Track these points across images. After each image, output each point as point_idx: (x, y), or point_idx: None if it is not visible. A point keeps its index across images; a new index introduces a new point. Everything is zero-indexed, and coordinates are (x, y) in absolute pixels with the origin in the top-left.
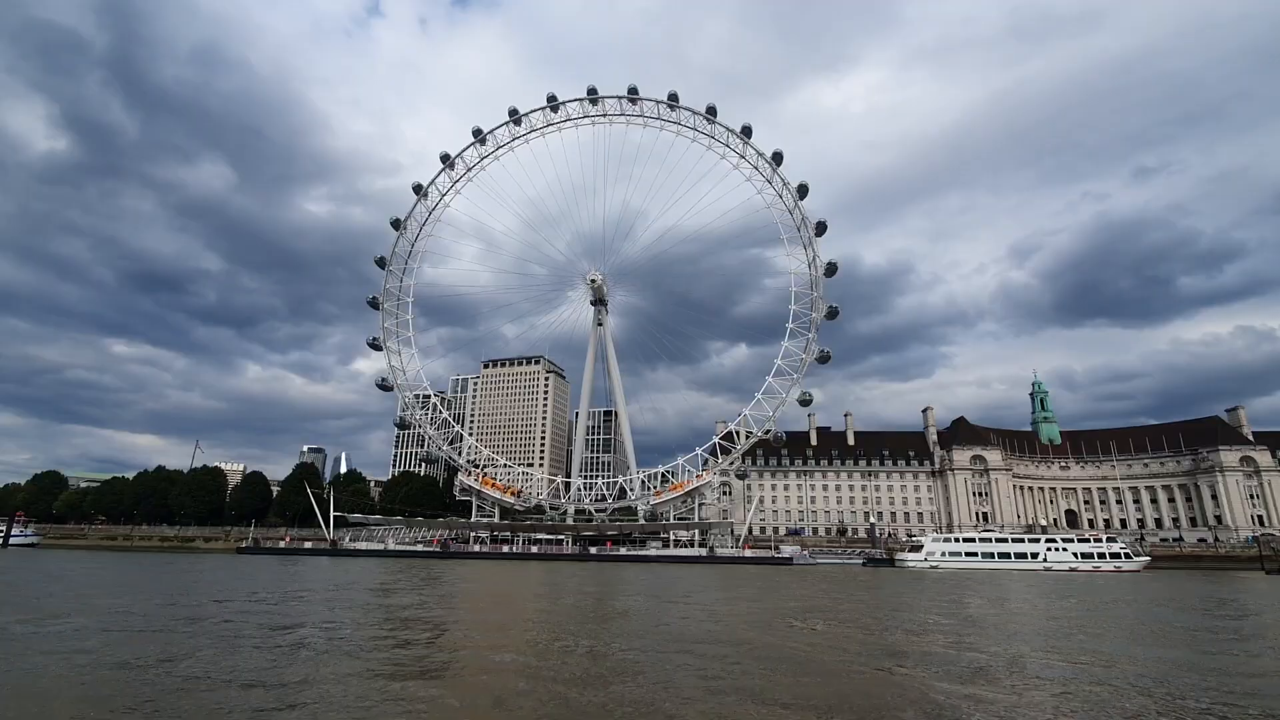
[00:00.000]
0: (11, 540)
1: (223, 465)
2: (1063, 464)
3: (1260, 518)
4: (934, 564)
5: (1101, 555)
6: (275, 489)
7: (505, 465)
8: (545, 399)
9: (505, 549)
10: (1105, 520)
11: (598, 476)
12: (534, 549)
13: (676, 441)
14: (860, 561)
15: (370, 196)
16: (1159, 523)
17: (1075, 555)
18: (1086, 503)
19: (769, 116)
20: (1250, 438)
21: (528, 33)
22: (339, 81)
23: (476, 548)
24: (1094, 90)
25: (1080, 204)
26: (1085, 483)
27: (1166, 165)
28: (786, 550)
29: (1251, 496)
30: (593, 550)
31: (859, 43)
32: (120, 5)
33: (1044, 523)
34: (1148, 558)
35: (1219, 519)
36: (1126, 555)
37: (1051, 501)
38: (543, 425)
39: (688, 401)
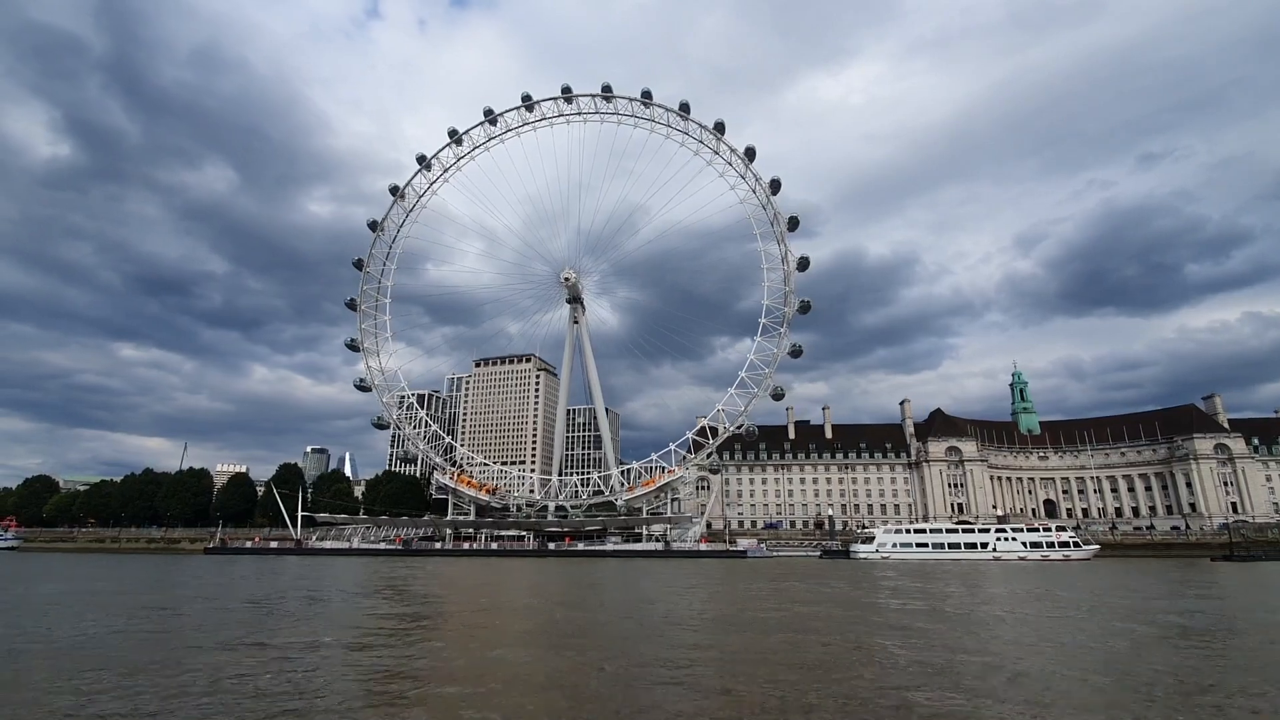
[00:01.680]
0: None
1: (232, 467)
2: (1041, 454)
3: (1234, 505)
4: (885, 555)
5: (1050, 544)
6: (261, 490)
7: (483, 463)
8: (536, 396)
9: (467, 546)
10: (1083, 509)
11: (581, 472)
12: (494, 545)
13: (680, 437)
14: (818, 554)
15: (373, 196)
16: (1136, 511)
17: (1024, 545)
18: (1065, 492)
19: (768, 111)
20: (1226, 425)
21: (526, 32)
22: (339, 82)
23: (438, 545)
24: (1095, 78)
25: (1085, 192)
26: (1063, 472)
27: (1171, 151)
28: (742, 544)
29: (1225, 484)
30: (551, 546)
31: (858, 35)
32: (118, 7)
33: (1000, 513)
34: (1097, 546)
35: (1193, 507)
36: (1075, 544)
37: (1030, 491)
38: (534, 422)
39: (691, 397)
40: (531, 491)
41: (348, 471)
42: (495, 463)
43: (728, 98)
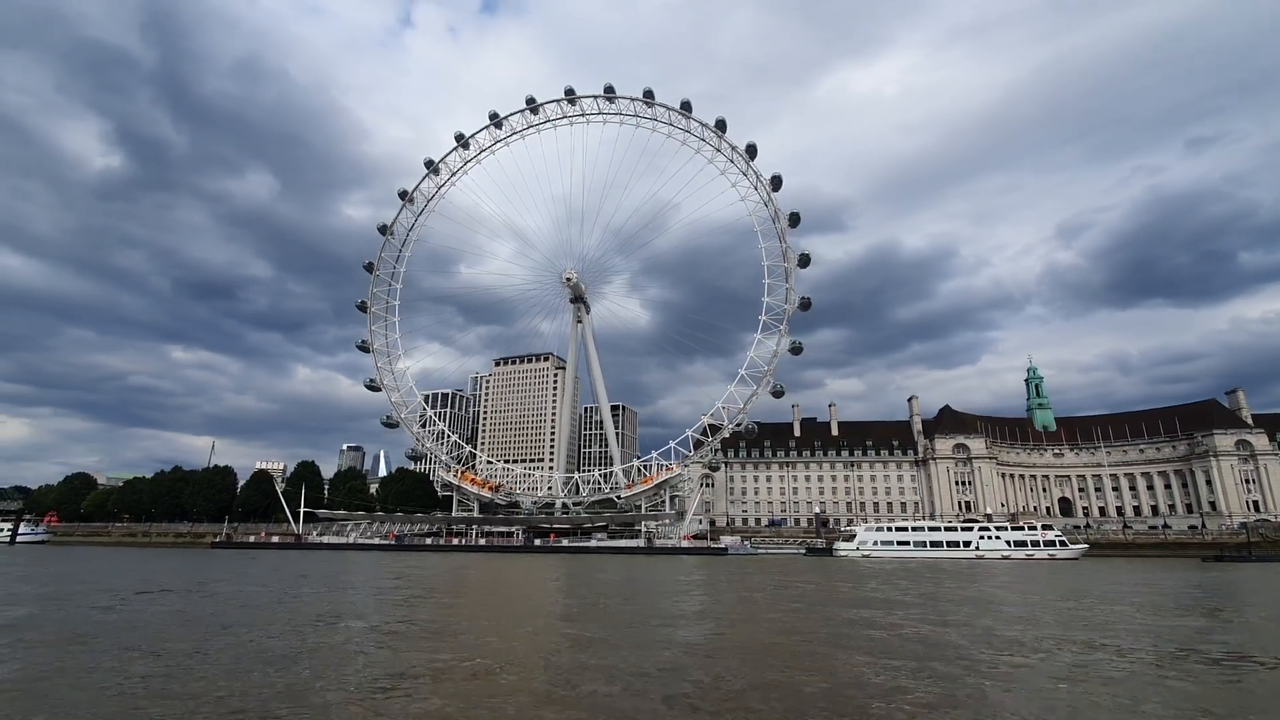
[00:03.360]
0: (19, 538)
1: (272, 464)
2: (1056, 451)
3: (1255, 503)
4: (865, 553)
5: (1035, 543)
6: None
7: (487, 461)
8: (554, 395)
9: (456, 541)
10: (1100, 507)
11: (584, 469)
12: (482, 542)
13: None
14: (802, 551)
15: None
16: (1155, 509)
17: (1008, 543)
18: (1081, 490)
19: (798, 105)
20: (1249, 421)
21: (554, 34)
22: (375, 90)
23: (429, 541)
24: (1141, 61)
25: (1131, 179)
26: (1079, 470)
27: (1222, 135)
28: (725, 541)
29: (1247, 481)
30: (537, 542)
31: (891, 24)
32: (165, 22)
33: (1009, 511)
34: (1085, 546)
35: (1213, 505)
36: (1061, 543)
37: (1044, 490)
38: (553, 420)
39: (723, 394)
40: (549, 489)
41: (381, 468)
42: (500, 460)
43: (757, 93)
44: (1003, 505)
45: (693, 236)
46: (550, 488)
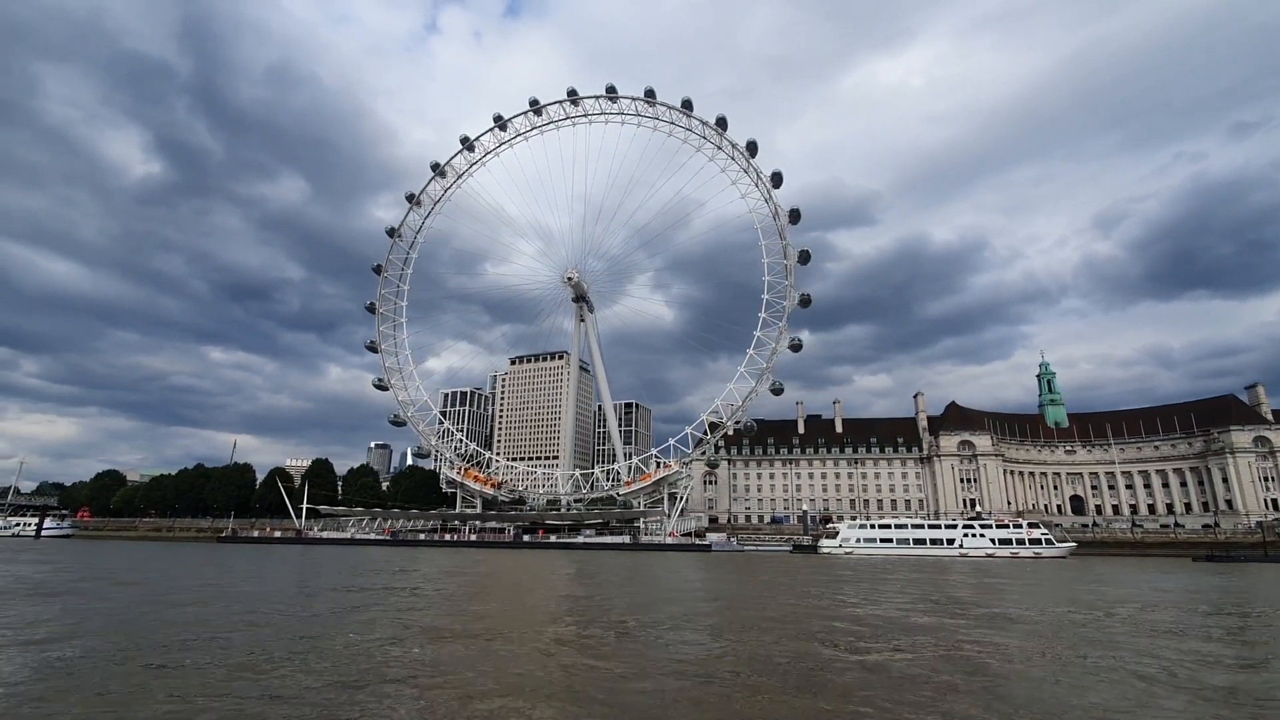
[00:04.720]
0: (45, 532)
1: (302, 462)
2: (1068, 448)
3: (1274, 502)
4: (848, 550)
5: (1020, 541)
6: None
7: (491, 458)
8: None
9: (449, 537)
10: (1114, 506)
11: (586, 468)
12: (474, 537)
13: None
14: (789, 548)
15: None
16: (1170, 507)
17: (992, 541)
18: (1094, 488)
19: (823, 99)
20: (1269, 417)
21: (577, 36)
22: (402, 93)
23: (422, 536)
24: (1182, 45)
25: (1172, 166)
26: (1092, 467)
27: (1268, 119)
28: (711, 538)
29: (1265, 479)
30: (525, 538)
31: (916, 14)
32: (199, 31)
33: (992, 508)
34: (1073, 544)
35: (1229, 504)
36: (1048, 541)
37: (1055, 487)
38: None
39: (743, 391)
40: (554, 487)
41: (408, 464)
42: (514, 458)
43: (782, 88)
44: (1009, 503)
45: (707, 234)
46: (563, 486)
